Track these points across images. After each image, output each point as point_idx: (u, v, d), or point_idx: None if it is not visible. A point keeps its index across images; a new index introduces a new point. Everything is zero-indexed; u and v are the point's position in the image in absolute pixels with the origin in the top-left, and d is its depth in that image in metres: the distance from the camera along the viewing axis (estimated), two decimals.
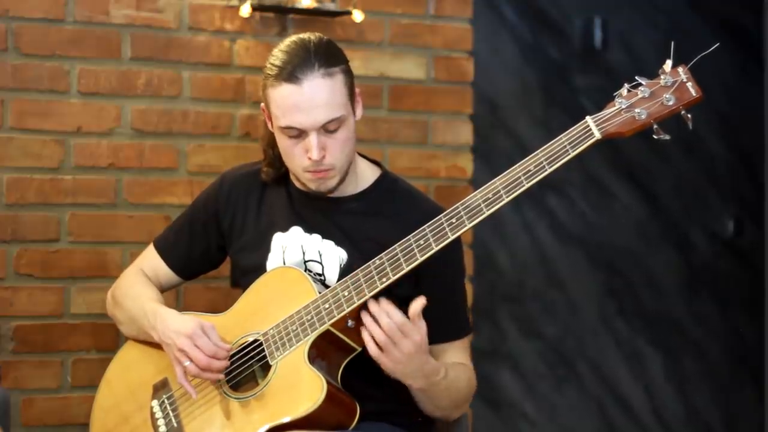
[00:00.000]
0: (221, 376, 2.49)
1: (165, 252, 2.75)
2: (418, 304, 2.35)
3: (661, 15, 4.60)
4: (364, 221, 2.56)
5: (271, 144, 2.63)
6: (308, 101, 2.44)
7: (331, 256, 2.54)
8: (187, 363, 2.46)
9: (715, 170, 4.70)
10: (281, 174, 2.64)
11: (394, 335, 2.35)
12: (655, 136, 2.28)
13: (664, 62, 2.29)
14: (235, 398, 2.48)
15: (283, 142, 2.52)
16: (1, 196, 3.37)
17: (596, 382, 4.52)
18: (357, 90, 2.54)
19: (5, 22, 3.36)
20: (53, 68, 3.41)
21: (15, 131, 3.38)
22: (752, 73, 4.67)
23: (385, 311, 2.36)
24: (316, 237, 2.56)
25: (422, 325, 2.36)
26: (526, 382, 4.40)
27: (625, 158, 4.52)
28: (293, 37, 2.52)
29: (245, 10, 3.59)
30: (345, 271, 2.50)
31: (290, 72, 2.45)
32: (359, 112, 2.55)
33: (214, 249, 2.72)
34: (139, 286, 2.71)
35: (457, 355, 2.56)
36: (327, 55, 2.48)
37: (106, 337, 3.42)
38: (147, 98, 3.51)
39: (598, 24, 4.50)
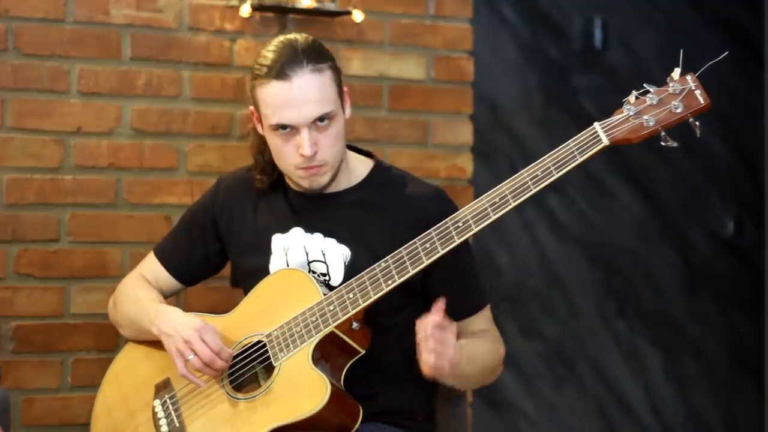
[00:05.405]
0: (219, 374, 2.49)
1: (165, 258, 2.76)
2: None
3: (660, 15, 4.60)
4: (363, 213, 2.57)
5: (261, 151, 2.63)
6: (298, 97, 2.46)
7: (335, 254, 2.54)
8: (191, 357, 2.46)
9: (715, 170, 4.70)
10: (275, 179, 2.65)
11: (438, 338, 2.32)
12: (662, 143, 2.30)
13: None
14: (238, 399, 2.48)
15: (273, 141, 2.52)
16: (1, 196, 3.36)
17: (596, 382, 4.52)
18: (345, 88, 2.55)
19: (5, 22, 3.36)
20: (53, 68, 3.41)
21: (15, 131, 3.38)
22: (752, 73, 4.67)
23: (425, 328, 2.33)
24: (318, 236, 2.57)
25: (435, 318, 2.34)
26: (526, 382, 4.40)
27: (625, 158, 4.52)
28: (279, 38, 2.54)
29: (245, 10, 3.59)
30: (350, 269, 2.51)
31: (279, 70, 2.46)
32: (348, 110, 2.57)
33: (213, 253, 2.73)
34: (140, 289, 2.72)
35: (479, 325, 2.58)
36: (314, 52, 2.50)
37: (106, 337, 3.41)
38: (147, 98, 3.51)
39: (598, 24, 4.50)
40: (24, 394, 3.38)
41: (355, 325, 2.43)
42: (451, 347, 2.32)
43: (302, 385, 2.40)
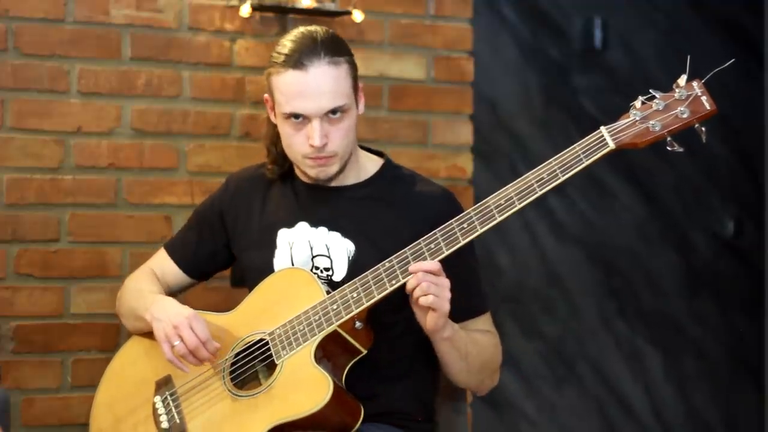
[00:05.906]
0: (201, 364, 2.50)
1: (174, 252, 2.79)
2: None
3: (660, 15, 4.60)
4: (369, 208, 2.58)
5: (274, 141, 2.65)
6: (313, 88, 2.48)
7: (339, 248, 2.55)
8: (176, 342, 2.48)
9: (715, 171, 4.70)
10: (286, 171, 2.66)
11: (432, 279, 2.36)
12: (668, 148, 2.32)
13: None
14: (240, 396, 2.48)
15: (285, 130, 2.54)
16: (1, 196, 3.36)
17: (596, 382, 4.52)
18: (360, 85, 2.57)
19: (5, 22, 3.36)
20: (53, 68, 3.41)
21: (15, 131, 3.38)
22: (752, 74, 4.67)
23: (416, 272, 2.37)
24: (323, 230, 2.58)
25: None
26: (527, 382, 4.40)
27: (626, 158, 4.52)
28: (300, 28, 2.57)
29: (245, 10, 3.59)
30: (353, 265, 2.52)
31: (297, 59, 2.48)
32: (361, 106, 2.58)
33: (221, 248, 2.75)
34: (144, 282, 2.75)
35: (480, 326, 2.59)
36: (333, 45, 2.52)
37: (106, 337, 3.42)
38: (147, 98, 3.51)
39: (598, 24, 4.50)
40: (24, 394, 3.38)
41: (358, 324, 2.43)
42: (447, 289, 2.35)
43: (304, 383, 2.40)
